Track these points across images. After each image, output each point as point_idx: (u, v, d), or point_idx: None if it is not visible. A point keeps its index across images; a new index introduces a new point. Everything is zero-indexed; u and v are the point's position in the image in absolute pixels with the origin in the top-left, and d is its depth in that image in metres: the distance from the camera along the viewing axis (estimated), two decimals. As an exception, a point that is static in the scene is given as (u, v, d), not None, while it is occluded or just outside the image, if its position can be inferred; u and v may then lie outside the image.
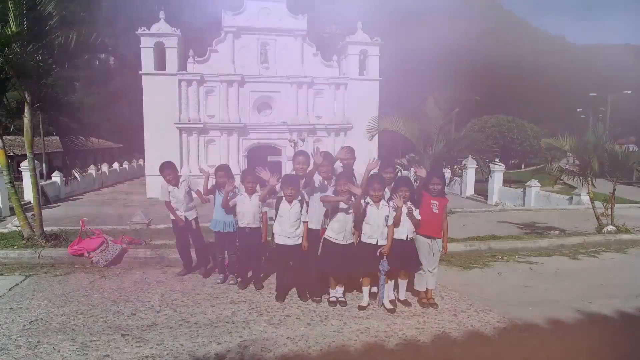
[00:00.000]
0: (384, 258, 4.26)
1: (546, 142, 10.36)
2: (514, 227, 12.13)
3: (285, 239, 4.58)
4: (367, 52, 29.09)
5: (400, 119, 7.39)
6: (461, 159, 29.09)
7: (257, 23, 27.70)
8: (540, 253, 7.35)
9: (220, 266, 5.36)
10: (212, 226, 5.39)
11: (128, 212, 23.11)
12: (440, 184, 4.51)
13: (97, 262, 5.58)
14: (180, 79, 26.81)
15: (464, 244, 7.18)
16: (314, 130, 28.89)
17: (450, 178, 8.20)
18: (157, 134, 26.70)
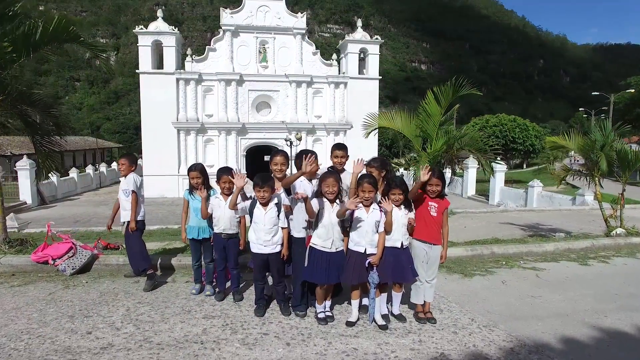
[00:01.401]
0: (373, 269, 3.73)
1: (551, 140, 9.75)
2: (517, 228, 11.58)
3: (261, 247, 4.02)
4: (367, 50, 28.57)
5: (397, 115, 6.86)
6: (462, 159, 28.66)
7: (256, 21, 27.23)
8: (546, 258, 6.80)
9: (196, 275, 4.83)
10: (187, 233, 4.85)
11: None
12: (440, 185, 3.98)
13: (63, 271, 5.04)
14: (178, 78, 26.36)
15: (464, 249, 6.63)
16: (313, 130, 28.40)
17: (450, 178, 7.64)
18: (155, 134, 26.28)
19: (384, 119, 7.12)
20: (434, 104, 6.36)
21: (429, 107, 6.39)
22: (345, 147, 4.70)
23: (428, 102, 6.35)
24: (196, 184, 4.84)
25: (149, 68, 26.10)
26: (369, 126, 7.20)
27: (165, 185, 26.53)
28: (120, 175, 5.38)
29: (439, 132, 6.41)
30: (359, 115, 29.11)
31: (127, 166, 5.21)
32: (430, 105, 6.39)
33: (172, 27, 26.75)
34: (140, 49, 26.18)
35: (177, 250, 6.58)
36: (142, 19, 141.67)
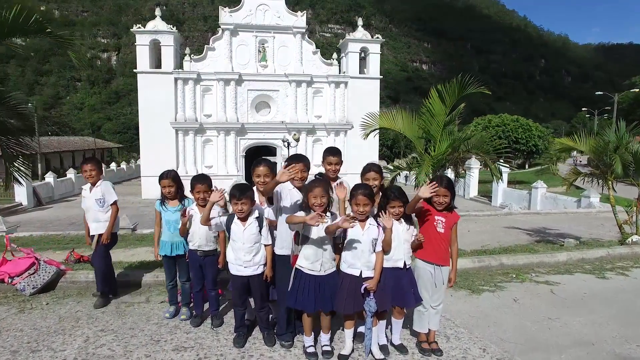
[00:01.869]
0: (370, 295, 3.17)
1: (560, 142, 9.15)
2: (523, 233, 11.01)
3: (241, 268, 3.45)
4: (367, 49, 27.98)
5: (398, 115, 6.30)
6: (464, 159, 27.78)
7: (255, 20, 26.69)
8: (559, 269, 6.24)
9: (171, 296, 4.27)
10: (159, 248, 4.28)
11: (121, 214, 22.10)
12: (449, 196, 3.40)
13: (22, 290, 4.46)
14: (177, 78, 25.85)
15: (471, 260, 6.07)
16: (313, 130, 27.86)
17: (454, 180, 7.05)
18: (153, 134, 25.78)
19: (384, 119, 6.55)
20: (438, 102, 5.79)
21: (433, 106, 5.82)
22: (339, 152, 4.14)
23: (432, 101, 5.78)
24: (168, 194, 4.28)
25: (147, 67, 25.59)
26: (368, 126, 6.63)
27: (163, 186, 25.95)
28: (88, 183, 4.72)
29: (443, 133, 5.85)
30: (359, 115, 28.39)
31: (97, 172, 4.64)
32: (434, 104, 5.83)
33: (170, 26, 26.23)
34: (138, 48, 25.68)
35: (157, 263, 6.02)
36: (143, 18, 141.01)
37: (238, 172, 27.10)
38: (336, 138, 28.14)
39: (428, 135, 5.94)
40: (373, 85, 28.05)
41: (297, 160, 3.56)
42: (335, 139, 28.13)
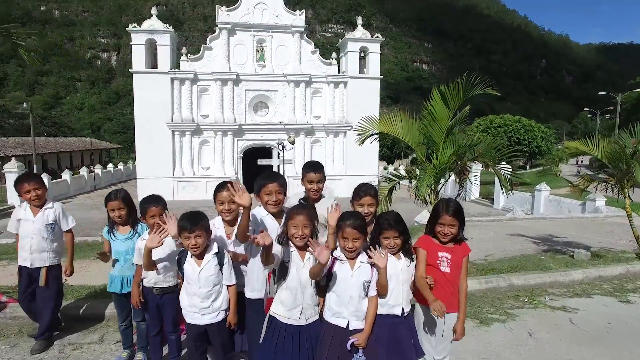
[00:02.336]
0: (359, 352, 2.53)
1: (572, 147, 8.48)
2: (529, 241, 10.37)
3: (197, 315, 2.79)
4: (367, 49, 27.34)
5: (397, 118, 5.67)
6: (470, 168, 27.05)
7: (253, 19, 26.07)
8: (575, 290, 5.61)
9: (124, 339, 3.59)
10: (108, 286, 3.60)
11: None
12: (456, 224, 2.71)
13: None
14: (173, 78, 25.26)
15: (478, 281, 5.43)
16: (312, 131, 27.23)
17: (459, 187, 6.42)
18: (149, 135, 25.20)
19: (381, 124, 5.93)
20: (440, 105, 5.16)
21: (435, 109, 5.19)
22: (321, 167, 3.43)
23: (434, 104, 5.15)
24: (118, 218, 3.60)
25: (143, 67, 25.00)
26: (364, 131, 5.99)
27: (159, 189, 25.29)
28: (27, 204, 3.88)
29: (446, 139, 5.22)
30: (359, 116, 27.72)
31: (44, 192, 3.92)
32: (436, 106, 5.19)
33: (167, 25, 25.61)
34: (133, 47, 25.09)
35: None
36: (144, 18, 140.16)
37: (235, 174, 26.48)
38: (335, 139, 27.52)
39: (430, 141, 5.32)
40: (373, 86, 27.41)
41: (270, 180, 2.90)
42: (334, 140, 27.52)
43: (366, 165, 27.58)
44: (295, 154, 27.04)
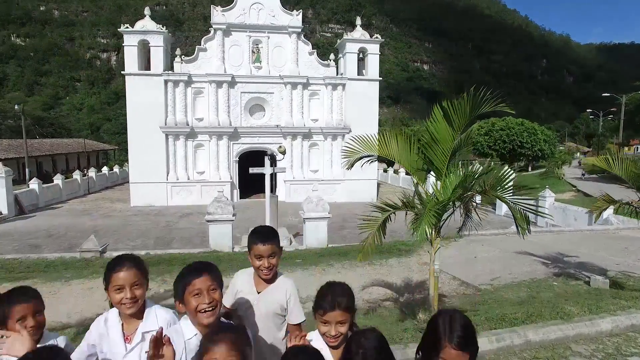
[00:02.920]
0: None
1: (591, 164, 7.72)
2: (538, 262, 9.64)
3: None
4: (366, 50, 26.58)
5: (393, 138, 4.92)
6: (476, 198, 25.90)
7: (249, 19, 25.34)
8: (605, 347, 4.71)
9: None
10: None
11: (106, 224, 20.96)
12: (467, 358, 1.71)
13: None
14: (167, 80, 24.53)
15: (487, 338, 4.58)
16: (309, 134, 26.49)
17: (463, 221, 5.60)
18: (142, 139, 24.51)
19: (373, 145, 5.17)
20: (443, 125, 4.39)
21: (437, 129, 4.43)
22: (274, 236, 2.40)
23: (435, 124, 4.39)
24: None
25: (136, 69, 24.28)
26: (352, 154, 5.22)
27: (153, 194, 24.78)
28: None
29: (450, 165, 4.47)
30: (358, 119, 27.28)
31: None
32: (438, 127, 4.43)
33: (160, 26, 24.87)
34: (125, 49, 24.37)
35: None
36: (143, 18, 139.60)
37: (231, 178, 25.77)
38: (333, 142, 26.79)
39: (430, 166, 4.58)
40: (372, 88, 26.66)
41: (196, 274, 1.95)
42: (332, 143, 26.78)
43: (365, 169, 26.81)
44: (292, 157, 26.31)
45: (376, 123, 27.14)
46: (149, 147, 24.58)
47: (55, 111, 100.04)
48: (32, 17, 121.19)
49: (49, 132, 54.22)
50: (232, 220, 10.69)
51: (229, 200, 10.74)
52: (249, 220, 19.56)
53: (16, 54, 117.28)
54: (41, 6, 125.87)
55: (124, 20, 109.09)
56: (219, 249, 10.71)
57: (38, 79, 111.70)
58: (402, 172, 37.68)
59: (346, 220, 20.79)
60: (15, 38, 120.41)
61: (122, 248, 14.52)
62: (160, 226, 19.80)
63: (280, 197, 26.95)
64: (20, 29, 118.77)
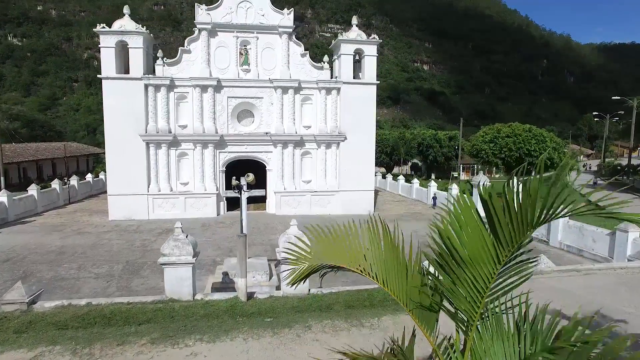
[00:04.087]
0: None
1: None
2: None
3: None
4: (362, 52, 24.54)
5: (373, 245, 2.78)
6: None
7: (236, 19, 23.33)
8: None
9: None
10: None
11: (75, 243, 18.79)
12: None
13: None
14: (147, 84, 22.56)
15: None
16: (301, 142, 24.48)
17: None
18: (120, 147, 22.58)
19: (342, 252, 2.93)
20: (478, 229, 2.28)
21: (467, 235, 2.29)
22: None
23: (460, 220, 2.28)
24: None
25: (113, 72, 22.28)
26: (296, 261, 2.87)
27: (133, 206, 22.83)
28: None
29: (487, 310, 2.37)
30: (353, 125, 25.22)
31: None
32: (467, 230, 2.31)
33: (139, 26, 22.86)
34: (102, 50, 22.36)
35: None
36: (142, 19, 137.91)
37: (217, 190, 23.78)
38: (327, 151, 24.76)
39: (451, 302, 2.44)
40: (369, 92, 24.61)
41: None
42: (326, 151, 24.76)
43: (362, 179, 24.84)
44: (283, 167, 24.32)
45: (373, 130, 25.11)
46: (128, 156, 22.64)
47: (52, 112, 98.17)
48: (29, 17, 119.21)
49: (39, 135, 52.18)
50: (192, 263, 8.69)
51: (187, 239, 8.73)
52: (233, 239, 17.56)
53: (13, 54, 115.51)
54: (38, 6, 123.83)
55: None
56: (177, 297, 8.72)
57: (35, 79, 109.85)
58: (402, 179, 35.64)
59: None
60: (12, 38, 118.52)
61: (71, 287, 12.52)
62: (135, 246, 17.81)
63: (270, 209, 24.97)
64: (17, 29, 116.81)
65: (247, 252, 13.59)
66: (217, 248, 17.53)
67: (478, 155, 28.58)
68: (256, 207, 26.44)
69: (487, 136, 28.20)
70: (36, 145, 41.84)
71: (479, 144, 28.49)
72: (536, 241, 18.86)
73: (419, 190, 31.75)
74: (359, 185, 24.86)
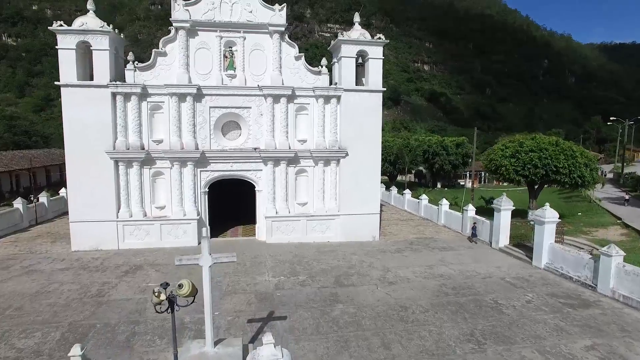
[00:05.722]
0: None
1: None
2: None
3: None
4: (366, 54, 20.87)
5: None
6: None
7: (219, 16, 19.69)
8: None
9: None
10: None
11: (12, 290, 14.22)
12: None
13: None
14: (115, 92, 18.93)
15: None
16: (296, 159, 20.85)
17: None
18: (84, 166, 18.96)
19: None
20: None
21: None
22: None
23: None
24: None
25: (74, 79, 18.62)
26: None
27: (100, 235, 19.26)
28: None
29: None
30: (356, 139, 21.40)
31: None
32: None
33: (105, 24, 19.22)
34: (60, 53, 18.71)
35: None
36: (138, 18, 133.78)
37: (198, 215, 20.20)
38: (326, 168, 21.13)
39: None
40: (373, 100, 20.99)
41: None
42: (324, 169, 21.12)
43: (366, 200, 21.21)
44: (274, 188, 20.69)
45: (379, 144, 21.46)
46: (93, 176, 19.02)
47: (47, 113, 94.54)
48: (23, 17, 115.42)
49: (22, 140, 48.48)
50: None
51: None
52: (215, 287, 13.95)
53: (7, 54, 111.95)
54: (33, 5, 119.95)
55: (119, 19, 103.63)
56: None
57: (29, 79, 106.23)
58: (408, 193, 32.01)
59: (341, 283, 15.12)
60: (7, 38, 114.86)
61: None
62: (89, 295, 14.14)
63: (260, 236, 21.33)
64: (12, 29, 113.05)
65: (225, 302, 10.16)
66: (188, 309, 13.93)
67: (497, 172, 24.89)
68: (245, 231, 22.86)
69: (507, 150, 24.49)
70: (12, 153, 38.05)
71: (498, 159, 24.74)
72: (578, 284, 15.28)
73: (428, 207, 28.16)
74: (363, 208, 21.25)
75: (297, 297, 13.94)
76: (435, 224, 26.35)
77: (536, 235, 17.62)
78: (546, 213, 17.04)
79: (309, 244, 20.61)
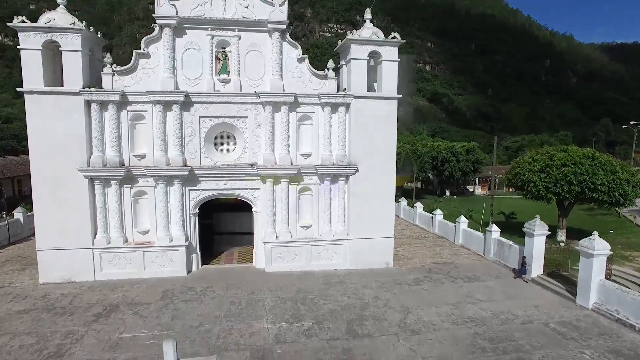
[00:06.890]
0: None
1: None
2: None
3: None
4: (379, 55, 17.96)
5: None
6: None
7: (211, 12, 16.80)
8: None
9: None
10: None
11: None
12: None
13: None
14: (89, 100, 16.06)
15: None
16: (299, 176, 17.96)
17: None
18: (53, 185, 16.12)
19: None
20: None
21: None
22: None
23: None
24: None
25: (41, 84, 15.74)
26: None
27: (73, 264, 16.44)
28: None
29: None
30: (367, 153, 18.21)
31: None
32: None
33: (77, 20, 16.39)
34: (23, 54, 15.87)
35: None
36: (136, 18, 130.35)
37: (187, 240, 17.36)
38: (333, 186, 18.23)
39: None
40: (388, 108, 18.12)
41: None
42: (331, 187, 18.22)
43: (379, 222, 18.35)
44: (274, 209, 17.84)
45: (393, 158, 18.56)
46: (65, 197, 16.18)
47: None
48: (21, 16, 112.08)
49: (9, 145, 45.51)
50: None
51: None
52: (206, 335, 11.14)
53: (4, 54, 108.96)
54: (30, 5, 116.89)
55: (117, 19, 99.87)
56: None
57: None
58: (420, 206, 29.15)
59: (354, 333, 12.11)
60: (4, 38, 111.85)
61: None
62: (45, 353, 11.32)
63: (259, 263, 18.47)
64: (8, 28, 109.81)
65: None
66: (182, 340, 11.07)
67: (524, 188, 21.94)
68: (241, 256, 20.01)
69: (535, 164, 21.55)
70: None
71: (526, 174, 21.78)
72: (613, 321, 12.52)
73: (443, 224, 25.31)
74: (375, 231, 18.41)
75: (302, 355, 11.15)
76: (451, 244, 23.53)
77: (581, 270, 14.77)
78: (595, 244, 14.20)
79: (313, 274, 17.78)
